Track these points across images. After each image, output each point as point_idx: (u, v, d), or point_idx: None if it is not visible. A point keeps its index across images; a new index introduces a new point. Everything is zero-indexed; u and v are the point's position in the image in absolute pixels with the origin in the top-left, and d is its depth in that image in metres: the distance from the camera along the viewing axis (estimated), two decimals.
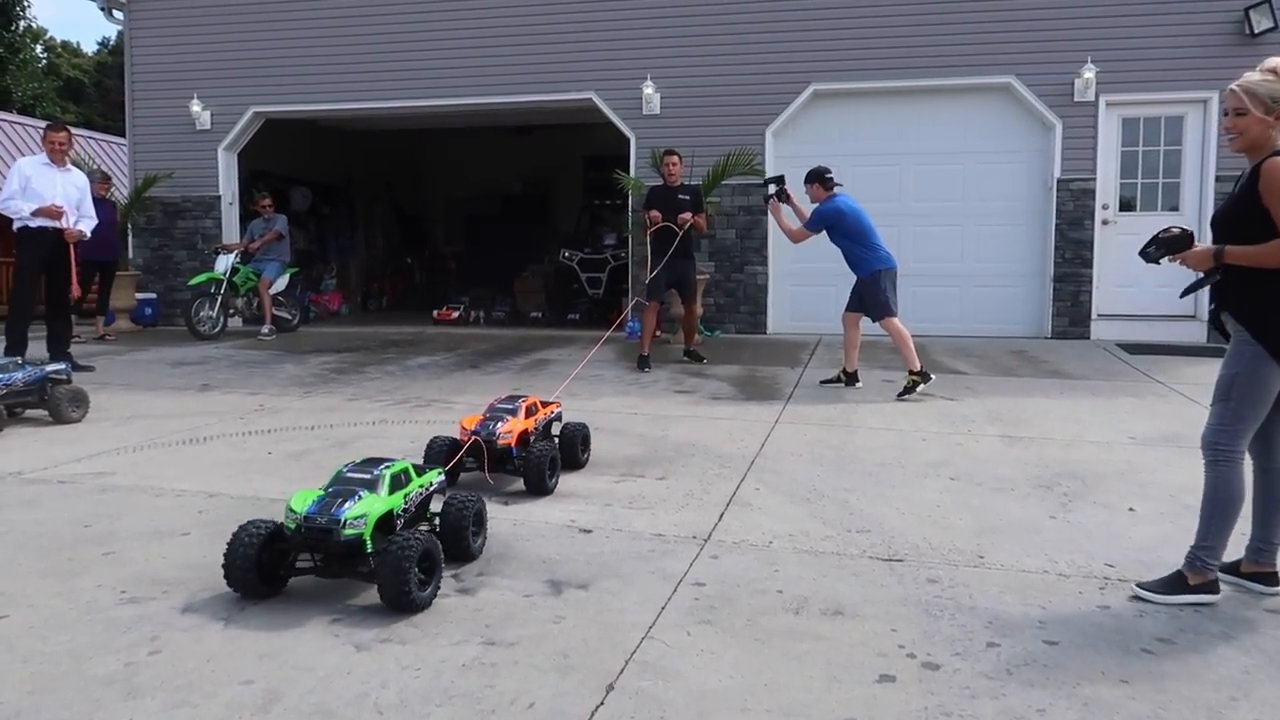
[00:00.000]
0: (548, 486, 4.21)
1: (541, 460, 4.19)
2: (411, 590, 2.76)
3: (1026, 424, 5.85)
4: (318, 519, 2.84)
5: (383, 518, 2.96)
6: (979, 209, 10.38)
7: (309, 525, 2.84)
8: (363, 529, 2.84)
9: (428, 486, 3.32)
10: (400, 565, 2.74)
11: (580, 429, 4.79)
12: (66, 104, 32.90)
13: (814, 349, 9.42)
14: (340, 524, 2.82)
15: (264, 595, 2.89)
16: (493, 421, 4.27)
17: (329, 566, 2.93)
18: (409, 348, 9.84)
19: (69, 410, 5.64)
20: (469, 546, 3.28)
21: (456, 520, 3.26)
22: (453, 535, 3.23)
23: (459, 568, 3.20)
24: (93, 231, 10.45)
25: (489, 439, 4.18)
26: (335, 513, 2.84)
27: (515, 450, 4.24)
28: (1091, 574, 3.27)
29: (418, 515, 3.24)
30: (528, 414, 4.44)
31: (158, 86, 12.36)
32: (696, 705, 2.25)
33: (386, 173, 16.90)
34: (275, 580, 2.93)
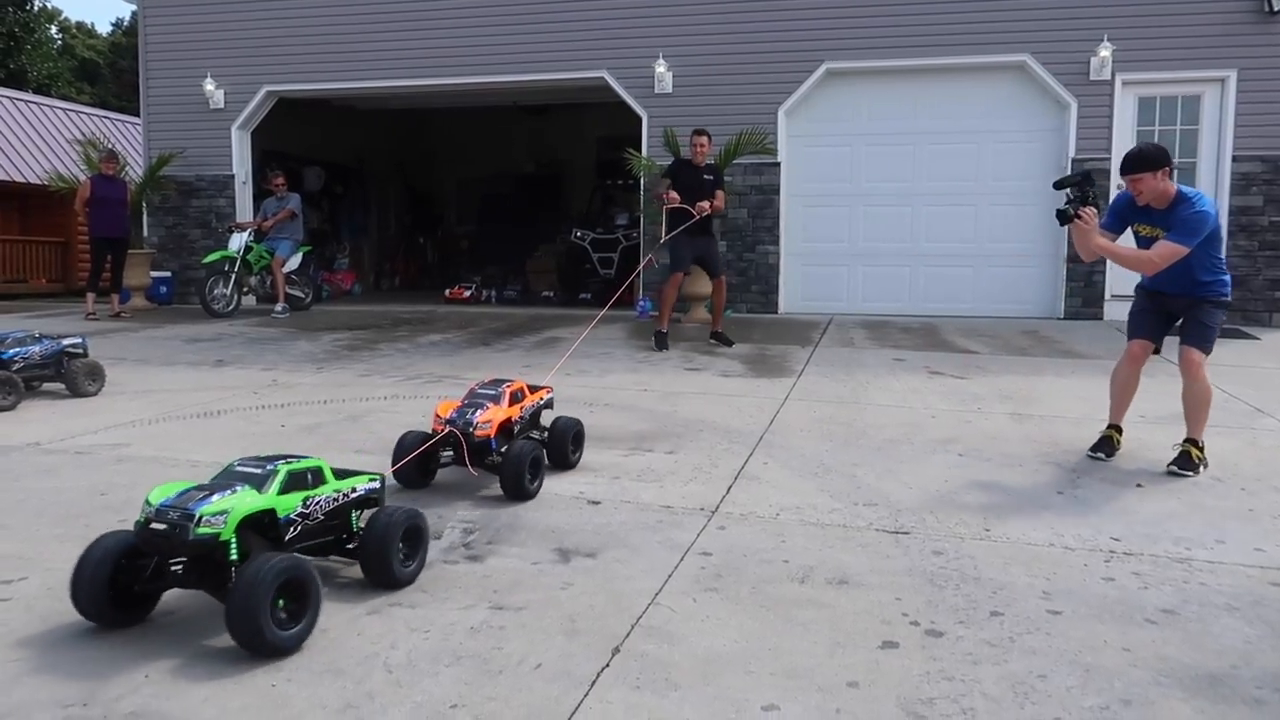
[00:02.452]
0: (528, 490, 3.64)
1: (521, 461, 3.61)
2: (264, 630, 2.20)
3: (1037, 402, 5.85)
4: (168, 513, 2.33)
5: (255, 520, 2.44)
6: (992, 189, 10.33)
7: (158, 520, 2.33)
8: (220, 528, 2.32)
9: (346, 493, 2.76)
10: (254, 592, 2.19)
11: (572, 425, 4.19)
12: (81, 85, 33.02)
13: (825, 328, 9.41)
14: (194, 520, 2.29)
15: (123, 623, 2.41)
16: (471, 409, 3.75)
17: (185, 575, 2.42)
18: (421, 326, 9.88)
19: (85, 384, 5.71)
20: (394, 570, 2.69)
21: (381, 539, 2.68)
22: (376, 556, 2.68)
23: (388, 594, 2.71)
24: (103, 209, 10.58)
25: (465, 430, 3.65)
26: (192, 506, 2.32)
27: (495, 443, 3.71)
28: (1097, 547, 3.28)
29: (327, 526, 2.70)
30: (512, 400, 3.93)
31: (171, 65, 12.40)
32: (701, 667, 2.28)
33: (399, 153, 16.92)
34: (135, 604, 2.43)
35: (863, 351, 7.99)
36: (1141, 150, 4.34)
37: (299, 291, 11.55)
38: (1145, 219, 4.42)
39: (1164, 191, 4.28)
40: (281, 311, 10.87)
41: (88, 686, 2.13)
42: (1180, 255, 4.23)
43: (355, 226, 16.09)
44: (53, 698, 2.08)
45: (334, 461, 4.18)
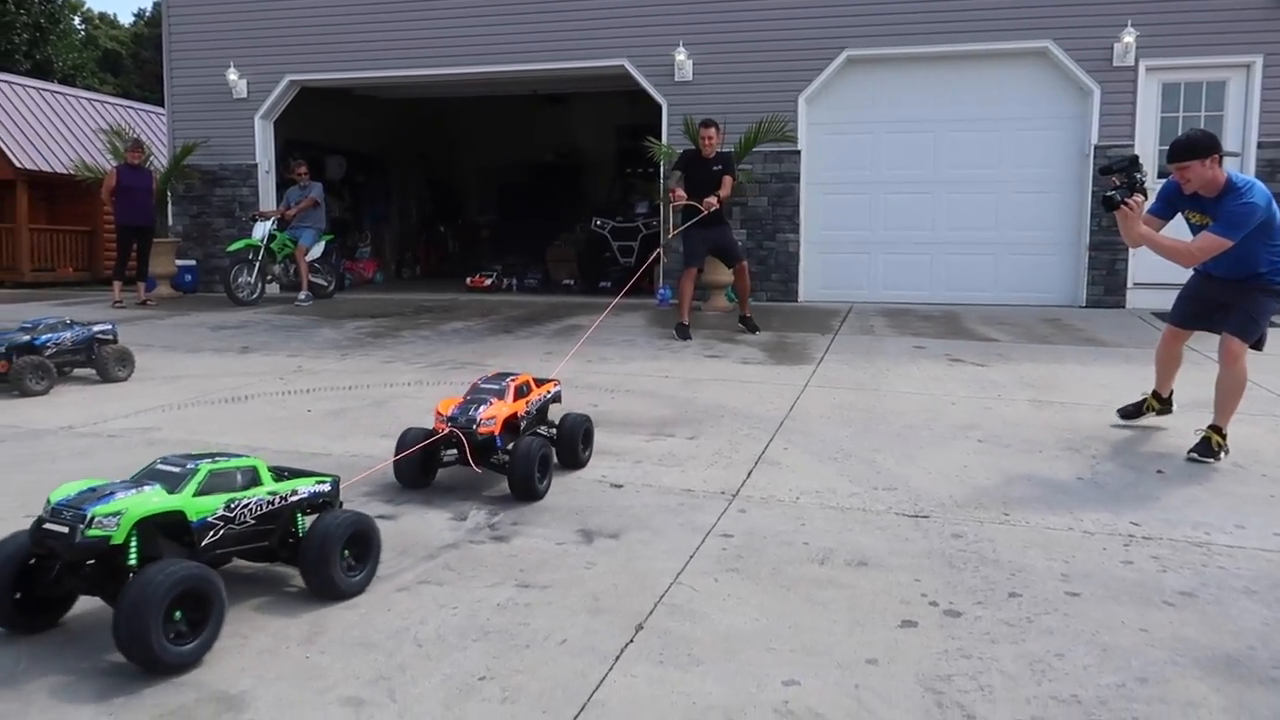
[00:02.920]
0: (537, 490, 3.48)
1: (529, 460, 3.45)
2: (154, 647, 2.03)
3: (1058, 389, 5.85)
4: (63, 512, 2.17)
5: (163, 522, 2.27)
6: (1014, 176, 10.28)
7: (52, 519, 2.18)
8: (112, 530, 2.14)
9: (285, 495, 2.57)
10: (141, 607, 2.01)
11: (582, 421, 3.99)
12: (104, 75, 33.30)
13: (845, 316, 9.41)
14: (85, 520, 2.12)
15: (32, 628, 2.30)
16: (473, 405, 3.58)
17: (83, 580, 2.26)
18: (443, 314, 9.96)
19: (115, 369, 5.81)
20: (335, 579, 2.51)
21: (320, 546, 2.49)
22: (315, 564, 2.50)
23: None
24: (129, 198, 10.71)
25: (467, 427, 3.49)
26: (85, 507, 2.16)
27: (500, 440, 3.55)
28: (1116, 531, 3.30)
29: (258, 531, 2.53)
30: (517, 395, 3.76)
31: (195, 55, 12.51)
32: (723, 644, 2.33)
33: (420, 142, 16.99)
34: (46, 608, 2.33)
35: (883, 339, 7.99)
36: (1189, 137, 4.22)
37: (322, 279, 11.66)
38: (1195, 206, 4.31)
39: (1213, 179, 4.15)
40: (305, 299, 10.98)
41: None
42: (1222, 248, 4.13)
43: (377, 215, 16.19)
44: (96, 666, 2.15)
45: (357, 446, 4.28)
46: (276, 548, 2.59)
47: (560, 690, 2.07)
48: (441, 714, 1.96)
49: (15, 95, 15.61)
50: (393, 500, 3.49)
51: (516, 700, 2.02)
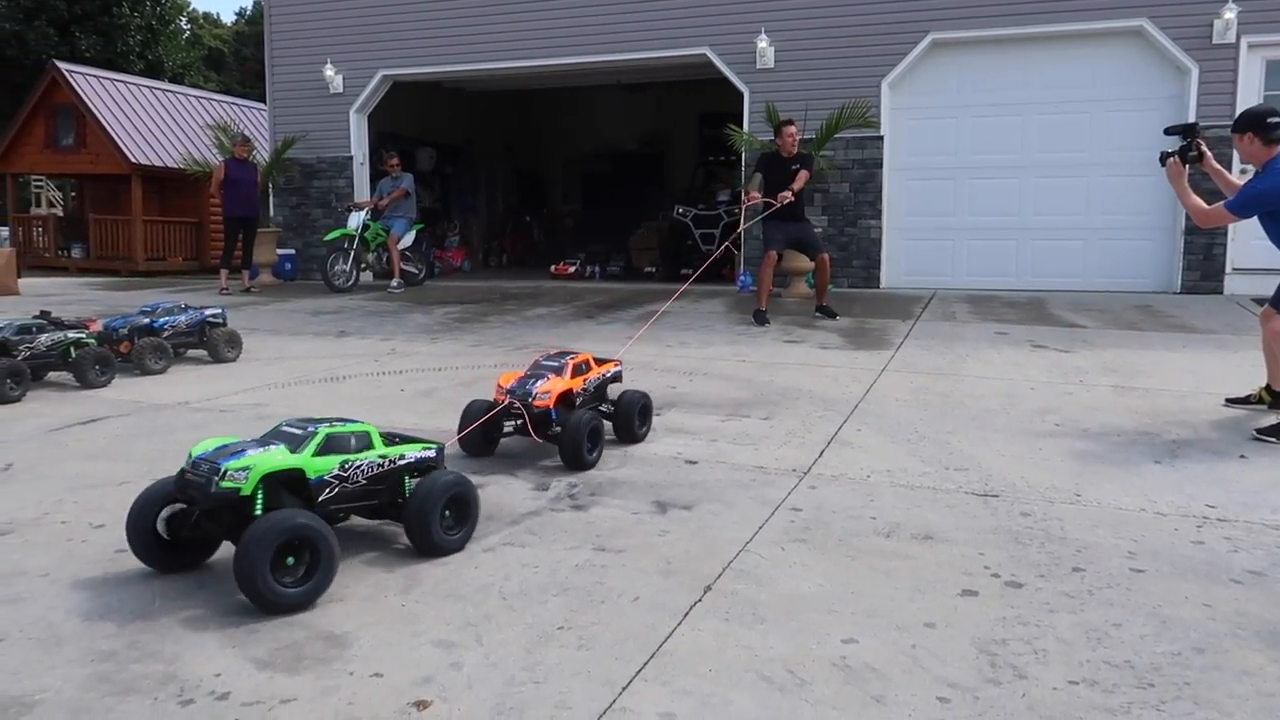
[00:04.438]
0: (587, 460, 3.68)
1: (579, 431, 3.65)
2: (259, 586, 2.26)
3: (1142, 375, 5.77)
4: (201, 465, 2.43)
5: (286, 479, 2.51)
6: (1106, 159, 10.04)
7: (192, 471, 2.45)
8: (242, 483, 2.39)
9: (394, 459, 2.79)
10: (252, 549, 2.24)
11: (639, 398, 4.16)
12: (209, 73, 34.72)
13: (927, 303, 9.36)
14: (219, 473, 2.38)
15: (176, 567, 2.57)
16: (532, 380, 3.80)
17: (217, 526, 2.52)
18: (528, 300, 10.24)
19: (225, 350, 6.21)
20: (434, 536, 2.72)
21: (422, 505, 2.70)
22: (417, 522, 2.70)
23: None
24: (236, 191, 11.27)
25: (525, 400, 3.70)
26: (220, 461, 2.42)
27: (555, 413, 3.74)
28: (1190, 513, 3.30)
29: (369, 490, 2.75)
30: (575, 373, 3.94)
31: (294, 53, 13.06)
32: (786, 605, 2.46)
33: (506, 133, 17.37)
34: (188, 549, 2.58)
35: (964, 325, 7.94)
36: (1243, 111, 4.63)
37: (413, 267, 12.08)
38: None
39: (1256, 155, 4.47)
40: (397, 286, 11.40)
41: (246, 601, 2.44)
42: (1225, 220, 4.70)
43: (465, 205, 16.63)
44: (219, 608, 2.40)
45: (447, 422, 4.50)
46: (385, 506, 2.80)
47: (632, 640, 2.23)
48: (523, 657, 2.14)
49: (130, 94, 16.50)
50: (480, 470, 3.70)
51: (591, 648, 2.19)
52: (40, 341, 5.17)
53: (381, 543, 2.92)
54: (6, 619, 2.30)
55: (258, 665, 2.08)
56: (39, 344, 5.15)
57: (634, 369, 5.97)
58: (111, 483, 3.47)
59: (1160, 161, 4.77)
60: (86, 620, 2.29)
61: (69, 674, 2.03)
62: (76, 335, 5.35)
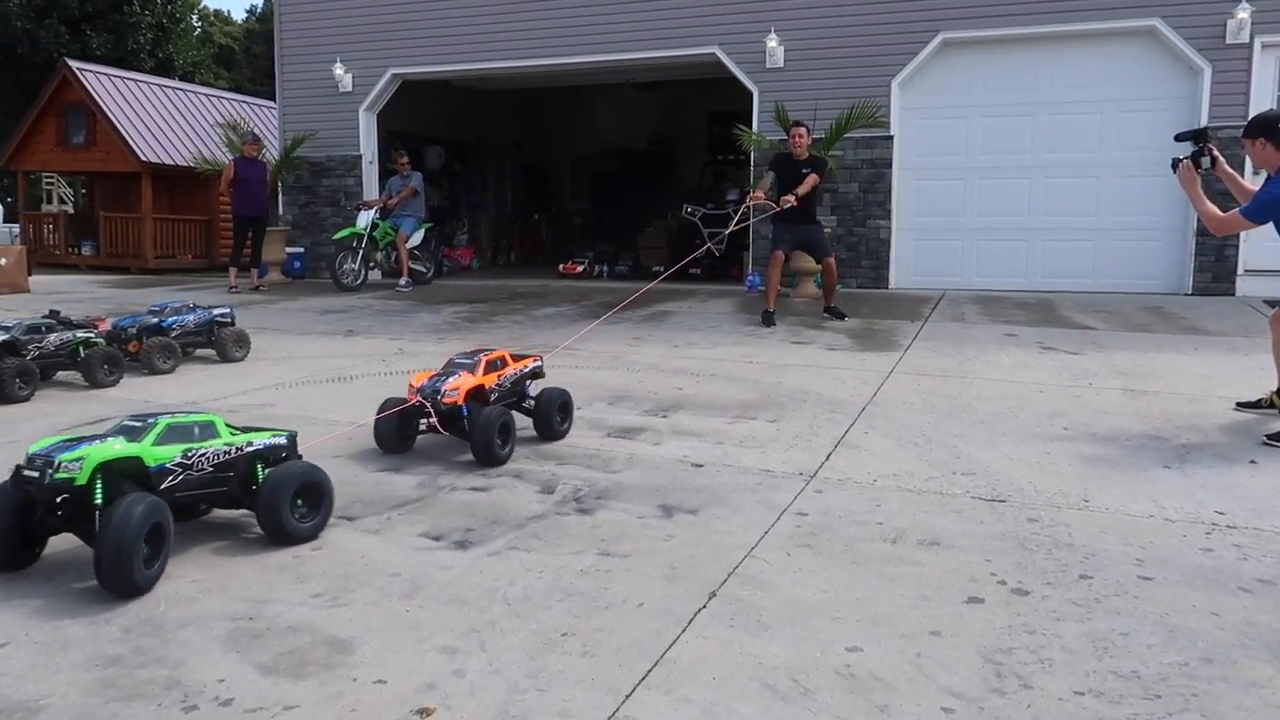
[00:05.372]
0: (498, 456, 3.73)
1: (489, 427, 3.69)
2: (134, 573, 2.36)
3: (1152, 378, 5.74)
4: (35, 460, 2.47)
5: (125, 468, 2.55)
6: (1117, 160, 9.99)
7: (27, 466, 2.48)
8: (76, 473, 2.43)
9: (241, 447, 2.84)
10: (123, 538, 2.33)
11: (559, 395, 4.24)
12: (219, 70, 34.81)
13: (936, 304, 9.33)
14: (53, 465, 2.42)
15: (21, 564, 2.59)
16: (442, 378, 3.88)
17: (57, 519, 2.54)
18: (535, 299, 10.24)
19: (233, 350, 6.22)
20: (286, 524, 2.79)
21: (272, 493, 2.76)
22: (267, 510, 2.77)
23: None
24: (245, 189, 11.30)
25: (433, 397, 3.77)
26: (54, 454, 2.46)
27: (466, 410, 3.79)
28: (1199, 520, 3.28)
29: (216, 478, 2.80)
30: (489, 369, 4.01)
31: (303, 51, 13.09)
32: (791, 612, 2.45)
33: (515, 131, 17.38)
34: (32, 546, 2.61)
35: (973, 326, 7.92)
36: (1255, 116, 4.62)
37: (421, 266, 12.09)
38: None
39: (1269, 160, 4.46)
40: (405, 285, 11.41)
41: (252, 605, 2.44)
42: (1241, 227, 4.63)
43: (474, 203, 16.65)
44: (225, 612, 2.40)
45: None
46: (239, 495, 2.87)
47: (636, 647, 2.23)
48: (527, 663, 2.14)
49: (141, 92, 16.55)
50: (486, 474, 3.70)
51: (595, 654, 2.19)
52: (49, 341, 5.19)
53: (384, 546, 2.92)
54: (13, 623, 2.31)
55: (261, 671, 2.08)
56: (48, 344, 5.17)
57: (641, 370, 5.98)
58: None
59: (1172, 168, 4.74)
60: (91, 624, 2.30)
61: (74, 679, 2.03)
62: (85, 335, 5.37)
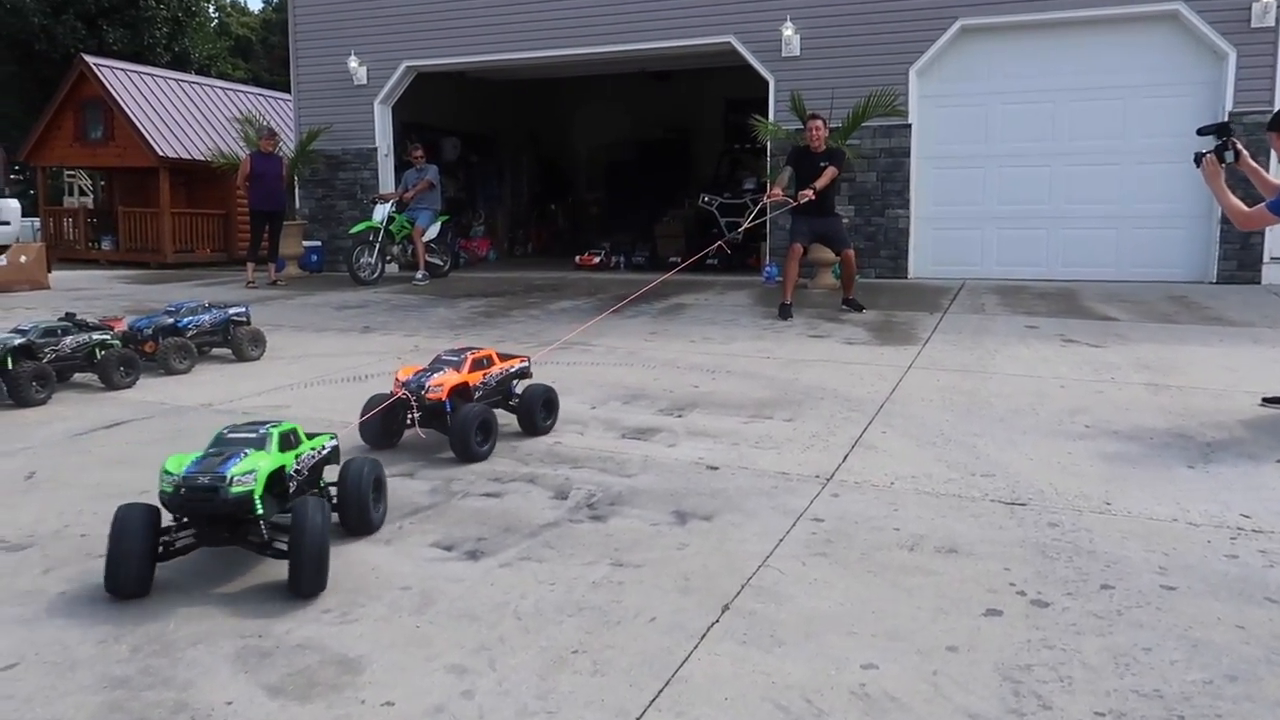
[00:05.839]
0: (477, 452, 3.79)
1: (468, 423, 3.76)
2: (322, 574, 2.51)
3: (1176, 372, 5.65)
4: (199, 478, 2.54)
5: (273, 477, 2.69)
6: (1139, 146, 9.84)
7: (189, 486, 2.53)
8: (252, 485, 2.56)
9: (319, 450, 3.01)
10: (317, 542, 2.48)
11: (542, 392, 4.30)
12: (236, 61, 34.89)
13: (955, 294, 9.23)
14: (226, 481, 2.53)
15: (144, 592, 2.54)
16: (427, 374, 3.93)
17: (213, 532, 2.63)
18: (551, 292, 10.21)
19: (249, 349, 6.23)
20: (370, 517, 3.00)
21: (356, 488, 2.93)
22: (354, 505, 2.94)
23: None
24: (261, 184, 11.32)
25: (417, 392, 3.83)
26: (220, 469, 2.56)
27: (449, 405, 3.86)
28: (1224, 523, 3.21)
29: (309, 481, 2.97)
30: (474, 367, 4.06)
31: (318, 44, 13.08)
32: (805, 626, 2.41)
33: (531, 122, 17.32)
34: None
35: (993, 318, 7.83)
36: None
37: (438, 259, 12.09)
38: None
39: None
40: (422, 279, 11.41)
41: (261, 622, 2.43)
42: (1266, 222, 4.66)
43: (490, 195, 16.63)
44: (234, 630, 2.39)
45: None
46: None
47: (647, 665, 2.20)
48: (536, 683, 2.11)
49: (157, 87, 16.60)
50: (499, 478, 3.68)
51: (606, 673, 2.16)
52: (65, 344, 5.20)
53: (395, 557, 2.90)
54: (23, 641, 2.30)
55: (270, 693, 2.07)
56: (64, 346, 5.19)
57: (657, 367, 5.94)
58: (133, 491, 3.46)
59: (1195, 163, 4.70)
60: (101, 643, 2.29)
61: (81, 702, 2.02)
62: (101, 337, 5.38)
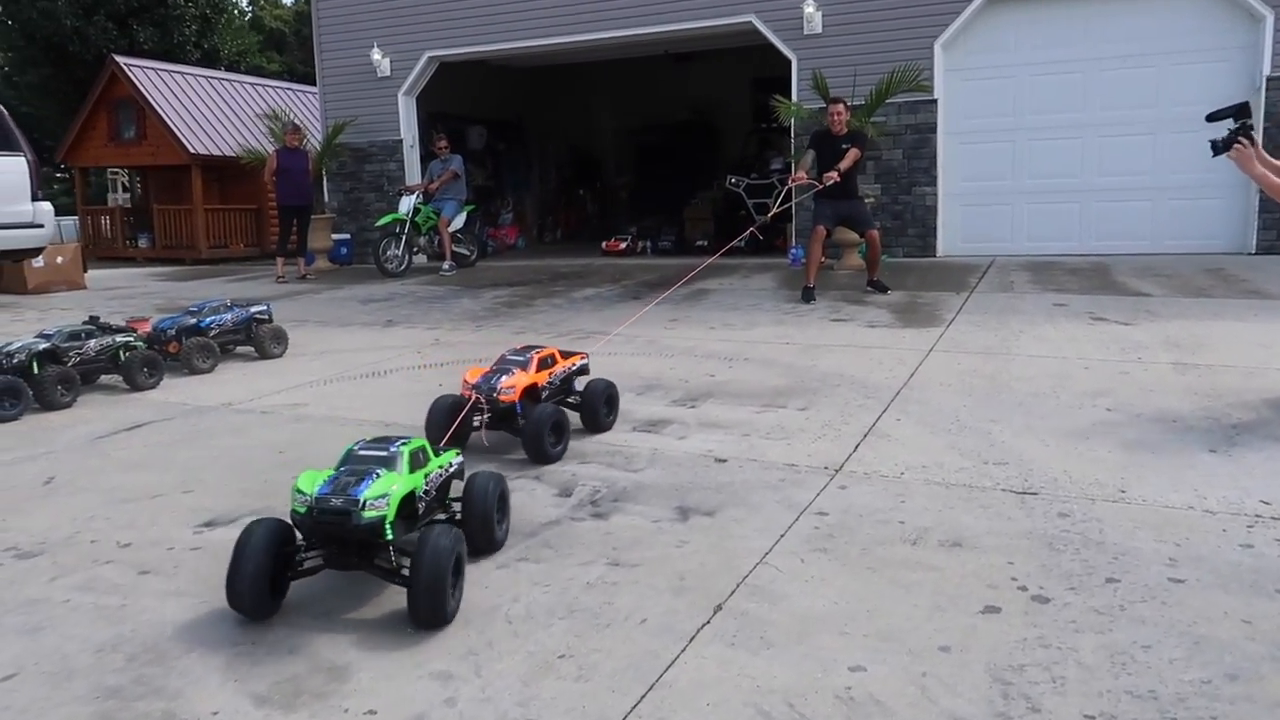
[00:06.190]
0: (550, 453, 3.77)
1: (541, 424, 3.75)
2: (447, 602, 2.40)
3: (1207, 350, 5.51)
4: (331, 499, 2.46)
5: (404, 500, 2.61)
6: (1174, 115, 9.57)
7: (321, 508, 2.46)
8: (385, 510, 2.47)
9: (446, 467, 2.93)
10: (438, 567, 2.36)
11: (604, 388, 4.27)
12: (270, 54, 35.18)
13: (984, 272, 9.08)
14: (359, 505, 2.44)
15: (271, 612, 2.49)
16: (497, 375, 3.90)
17: (343, 556, 2.55)
18: (576, 280, 10.21)
19: (271, 346, 6.31)
20: (494, 536, 2.89)
21: (483, 505, 2.84)
22: (480, 524, 2.83)
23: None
24: (288, 179, 11.43)
25: (489, 394, 3.81)
26: (353, 493, 2.46)
27: (520, 407, 3.84)
28: (1242, 511, 3.13)
29: (437, 500, 2.88)
30: (540, 366, 4.06)
31: (341, 37, 13.14)
32: (797, 627, 2.39)
33: (557, 108, 17.28)
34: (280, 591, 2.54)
35: (1021, 297, 7.69)
36: None
37: (464, 249, 12.14)
38: None
39: None
40: (448, 269, 11.47)
41: (256, 629, 2.46)
42: None
43: (518, 181, 16.65)
44: (228, 637, 2.42)
45: None
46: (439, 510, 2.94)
47: (633, 670, 2.19)
48: (519, 690, 2.12)
49: (187, 84, 16.82)
50: (507, 476, 3.68)
51: (590, 679, 2.16)
52: (89, 347, 5.30)
53: None
54: (25, 651, 2.35)
55: (256, 702, 2.09)
56: (88, 349, 5.29)
57: (675, 355, 5.92)
58: (146, 496, 3.54)
59: (1213, 151, 4.45)
60: (99, 652, 2.33)
61: (73, 713, 2.06)
62: (124, 339, 5.48)
